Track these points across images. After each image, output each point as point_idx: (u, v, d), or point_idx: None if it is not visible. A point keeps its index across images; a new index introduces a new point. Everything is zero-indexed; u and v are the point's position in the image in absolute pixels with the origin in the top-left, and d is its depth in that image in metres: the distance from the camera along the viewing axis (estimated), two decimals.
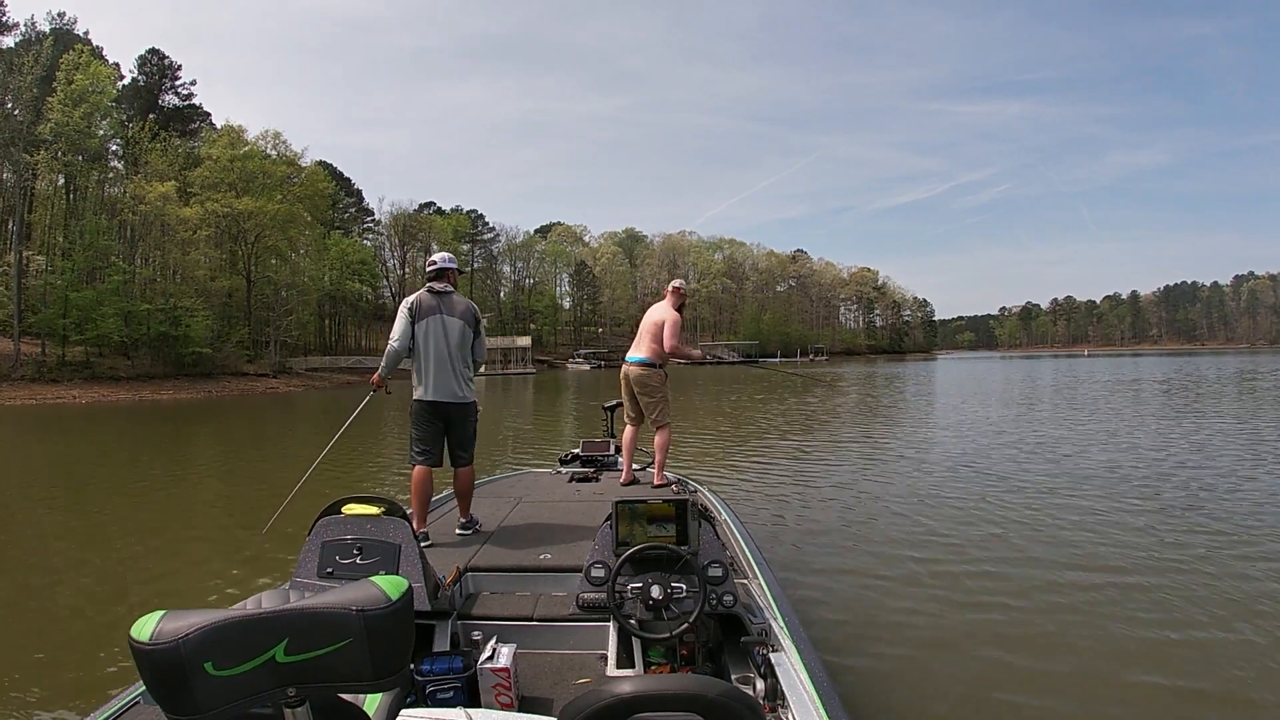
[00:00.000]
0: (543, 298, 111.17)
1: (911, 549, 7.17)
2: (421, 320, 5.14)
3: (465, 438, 5.27)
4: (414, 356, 5.18)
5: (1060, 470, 11.16)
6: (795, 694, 2.58)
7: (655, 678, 2.19)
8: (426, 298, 5.21)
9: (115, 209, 53.95)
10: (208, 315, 52.27)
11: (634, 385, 6.52)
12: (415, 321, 5.14)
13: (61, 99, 46.96)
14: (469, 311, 5.28)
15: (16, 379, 39.72)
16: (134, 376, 45.01)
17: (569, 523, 4.98)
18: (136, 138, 57.05)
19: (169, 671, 1.19)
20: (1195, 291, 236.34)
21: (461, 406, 5.22)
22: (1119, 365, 66.51)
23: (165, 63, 71.43)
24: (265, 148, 63.28)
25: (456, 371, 5.17)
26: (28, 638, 5.51)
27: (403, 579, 1.38)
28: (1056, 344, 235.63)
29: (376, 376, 5.54)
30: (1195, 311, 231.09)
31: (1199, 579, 6.07)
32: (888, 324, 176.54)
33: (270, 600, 2.49)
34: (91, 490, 12.18)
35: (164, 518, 9.76)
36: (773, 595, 3.56)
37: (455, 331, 5.16)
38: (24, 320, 43.99)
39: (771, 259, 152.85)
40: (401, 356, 5.21)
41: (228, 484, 12.71)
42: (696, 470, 11.31)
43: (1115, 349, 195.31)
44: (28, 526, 9.59)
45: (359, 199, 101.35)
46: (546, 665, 3.34)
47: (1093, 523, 7.96)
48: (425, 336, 5.12)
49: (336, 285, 78.68)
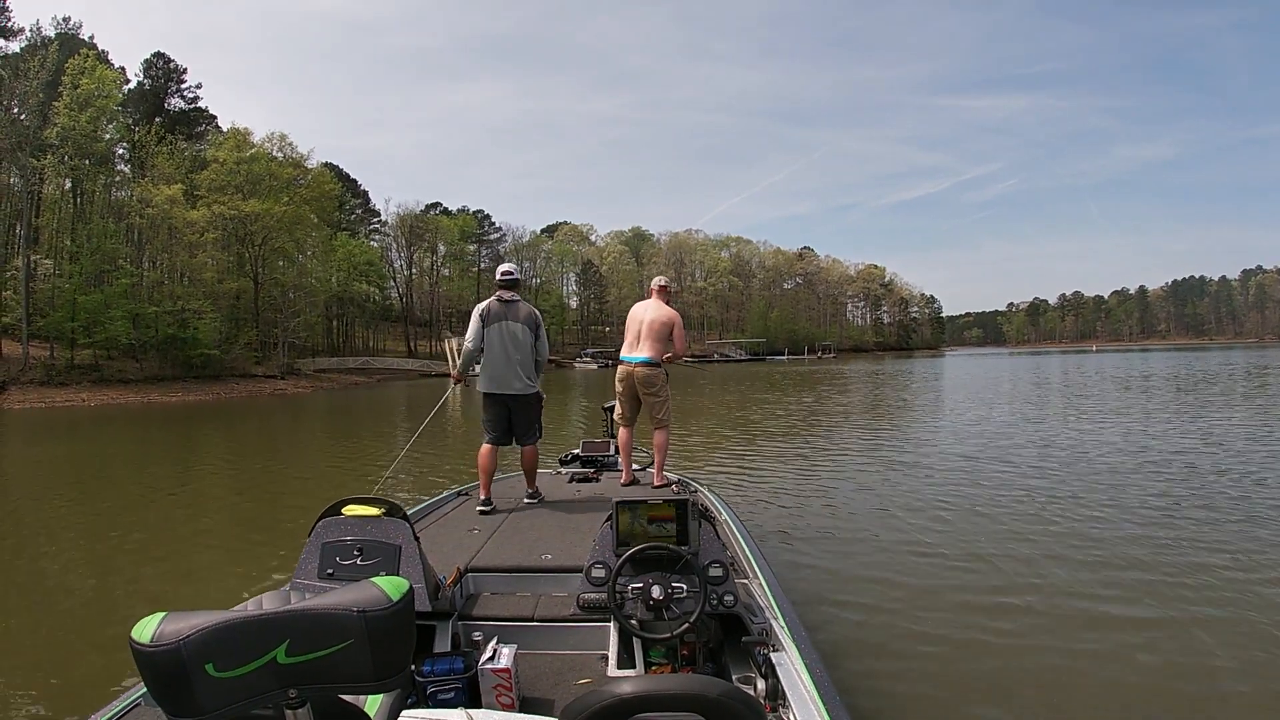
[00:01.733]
0: (550, 297, 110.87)
1: (913, 548, 7.17)
2: (491, 325, 5.96)
3: (527, 422, 6.09)
4: (483, 355, 6.00)
5: (1070, 472, 10.92)
6: (796, 694, 2.57)
7: (656, 678, 2.20)
8: (496, 305, 6.03)
9: (122, 212, 53.92)
10: (216, 317, 52.33)
11: (639, 385, 6.50)
12: (486, 326, 5.96)
13: (68, 103, 46.94)
14: (531, 317, 6.08)
15: (26, 382, 39.77)
16: (143, 379, 45.02)
17: (569, 523, 5.00)
18: (143, 141, 57.05)
19: (170, 673, 1.19)
20: (1203, 286, 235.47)
21: (520, 398, 6.02)
22: (1128, 361, 65.91)
23: (170, 66, 71.66)
24: (271, 150, 63.17)
25: (518, 369, 5.95)
26: (34, 638, 5.55)
27: (403, 580, 1.37)
28: (1065, 340, 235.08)
29: (456, 373, 6.45)
30: (1203, 306, 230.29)
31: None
32: (895, 321, 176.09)
33: (271, 601, 2.51)
34: (101, 492, 12.25)
35: (173, 519, 9.79)
36: (773, 595, 3.56)
37: (519, 334, 5.96)
38: (32, 324, 44.05)
39: (778, 256, 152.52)
40: (475, 355, 6.04)
41: (237, 485, 12.77)
42: (697, 469, 11.33)
43: (1123, 344, 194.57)
44: (38, 528, 9.64)
45: (365, 200, 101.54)
46: (547, 666, 3.33)
47: (1100, 524, 7.87)
48: (493, 338, 5.93)
49: (344, 286, 78.69)
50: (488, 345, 5.95)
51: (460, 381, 6.50)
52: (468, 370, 6.26)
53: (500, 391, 5.95)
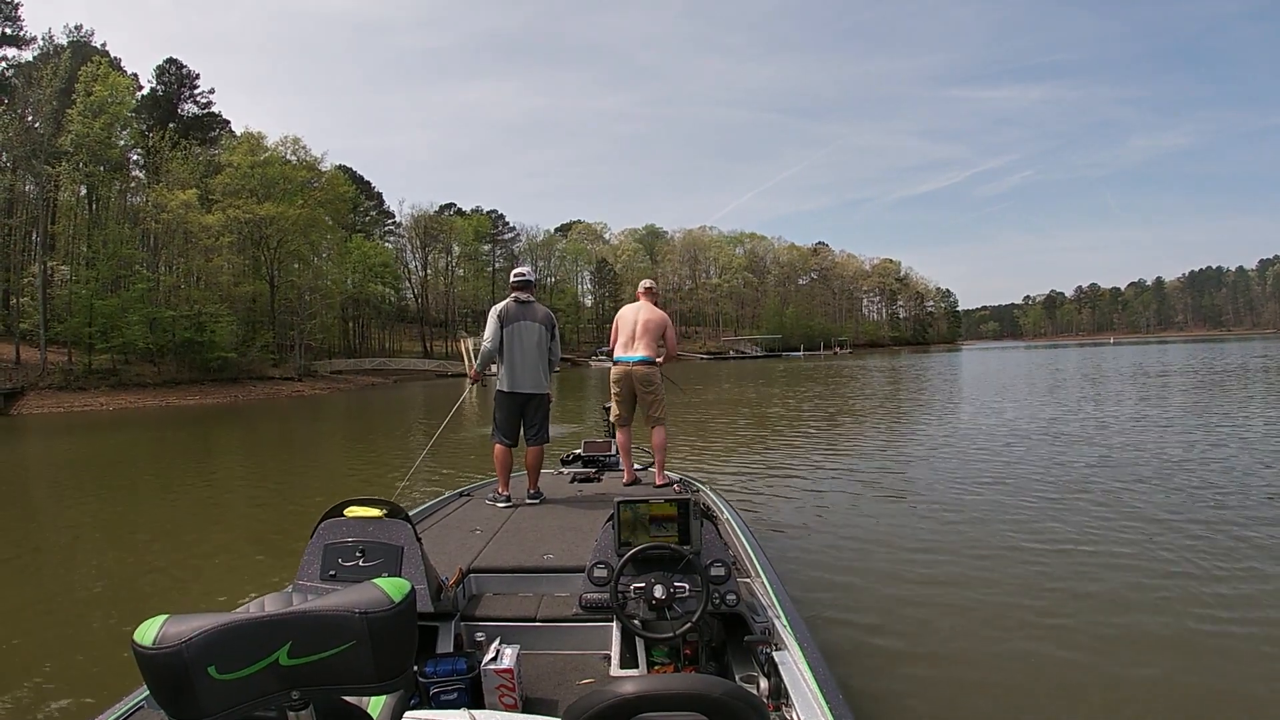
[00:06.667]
0: (564, 296, 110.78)
1: (916, 547, 7.14)
2: (509, 325, 6.14)
3: (538, 421, 6.28)
4: (500, 354, 6.17)
5: (1082, 476, 10.39)
6: (799, 693, 2.57)
7: (659, 677, 2.20)
8: (513, 306, 6.22)
9: (138, 218, 54.20)
10: (232, 320, 52.47)
11: (638, 383, 6.55)
12: (504, 326, 6.13)
13: (81, 110, 47.13)
14: (547, 318, 6.31)
15: (44, 388, 40.01)
16: (160, 383, 45.18)
17: (571, 523, 5.02)
18: (157, 147, 57.12)
19: (173, 675, 1.20)
20: (1220, 277, 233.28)
21: (535, 397, 6.25)
22: (1147, 353, 64.69)
23: (183, 72, 72.00)
24: (285, 153, 63.24)
25: (533, 368, 6.18)
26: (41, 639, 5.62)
27: (405, 581, 1.39)
28: (1081, 332, 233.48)
29: (474, 372, 6.52)
30: (1221, 297, 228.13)
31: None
32: (911, 315, 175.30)
33: (273, 603, 2.52)
34: (116, 494, 12.37)
35: (188, 520, 9.87)
36: (776, 594, 3.55)
37: (535, 334, 6.18)
38: (50, 329, 44.32)
39: (793, 252, 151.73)
40: (493, 355, 6.21)
41: (252, 487, 12.83)
42: (698, 467, 11.32)
43: (1141, 336, 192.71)
44: (57, 532, 9.73)
45: (379, 202, 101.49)
46: (550, 666, 3.35)
47: (1107, 528, 7.62)
48: (511, 338, 6.13)
49: (359, 288, 78.85)
50: (506, 345, 6.13)
51: (477, 381, 6.64)
52: (485, 370, 6.40)
53: (517, 390, 6.14)
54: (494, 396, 6.30)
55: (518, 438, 6.25)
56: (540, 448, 6.21)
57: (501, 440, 6.16)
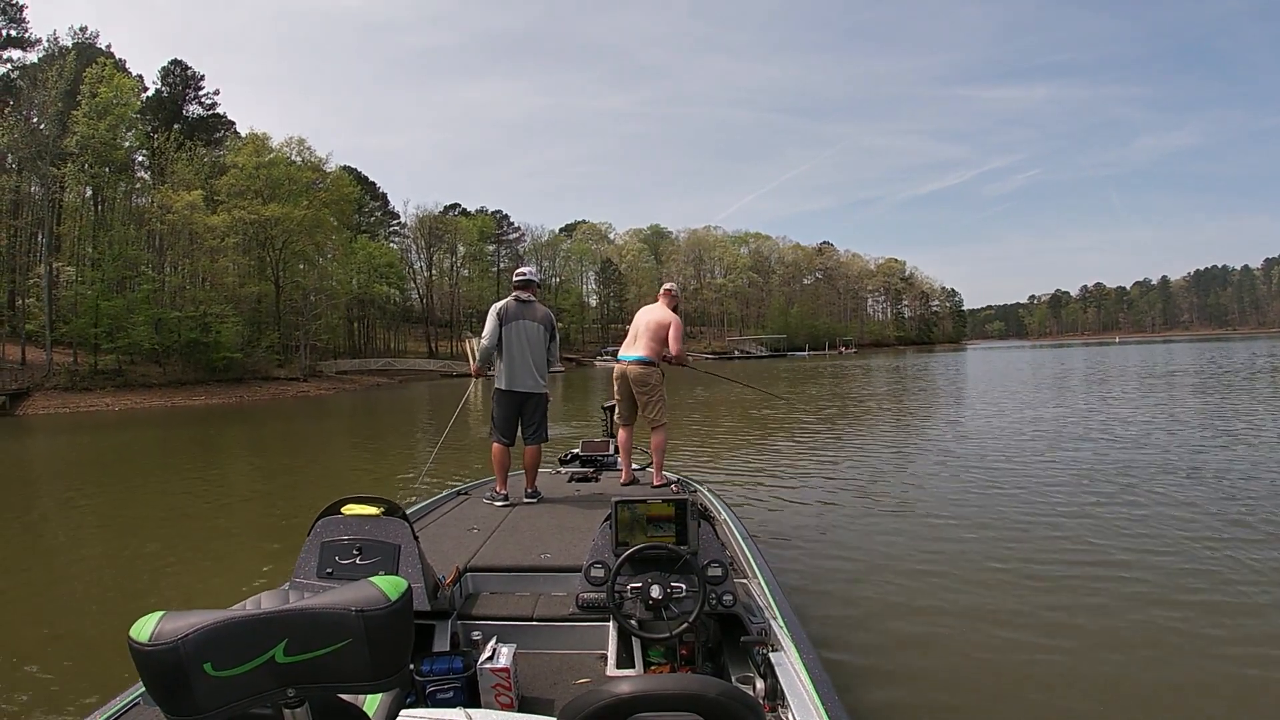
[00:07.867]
0: (569, 296, 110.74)
1: (914, 548, 7.12)
2: (508, 323, 6.14)
3: (535, 421, 6.29)
4: (499, 353, 6.17)
5: (1079, 480, 10.25)
6: (795, 694, 2.56)
7: (655, 677, 2.22)
8: (513, 305, 6.23)
9: (143, 219, 54.38)
10: (237, 321, 52.63)
11: (633, 383, 6.57)
12: (503, 324, 6.13)
13: (86, 112, 47.34)
14: (547, 318, 6.31)
15: (50, 388, 40.13)
16: (166, 383, 45.27)
17: (568, 522, 5.02)
18: (162, 148, 57.33)
19: (168, 672, 1.20)
20: (1226, 276, 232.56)
21: (533, 396, 6.25)
22: (1153, 352, 64.35)
23: (188, 73, 72.15)
24: (290, 154, 63.32)
25: (532, 367, 6.18)
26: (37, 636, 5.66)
27: (402, 579, 1.38)
28: (1087, 332, 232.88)
29: (476, 368, 6.53)
30: (1226, 296, 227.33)
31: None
32: (916, 315, 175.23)
33: (270, 600, 2.53)
34: (119, 493, 12.42)
35: (189, 521, 9.90)
36: (772, 595, 3.56)
37: (535, 334, 6.18)
38: (56, 330, 44.53)
39: (798, 252, 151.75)
40: (493, 352, 6.21)
41: (255, 486, 12.87)
42: (696, 468, 11.31)
43: (1147, 336, 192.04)
44: (61, 531, 9.78)
45: (384, 202, 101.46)
46: (546, 665, 3.34)
47: (1118, 534, 7.50)
48: (510, 337, 6.13)
49: (364, 288, 78.63)
50: (505, 343, 6.13)
51: (481, 376, 6.63)
52: (486, 366, 6.40)
53: (514, 389, 6.15)
54: (492, 395, 6.32)
55: (515, 436, 6.25)
56: (538, 447, 6.21)
57: (498, 440, 6.17)
